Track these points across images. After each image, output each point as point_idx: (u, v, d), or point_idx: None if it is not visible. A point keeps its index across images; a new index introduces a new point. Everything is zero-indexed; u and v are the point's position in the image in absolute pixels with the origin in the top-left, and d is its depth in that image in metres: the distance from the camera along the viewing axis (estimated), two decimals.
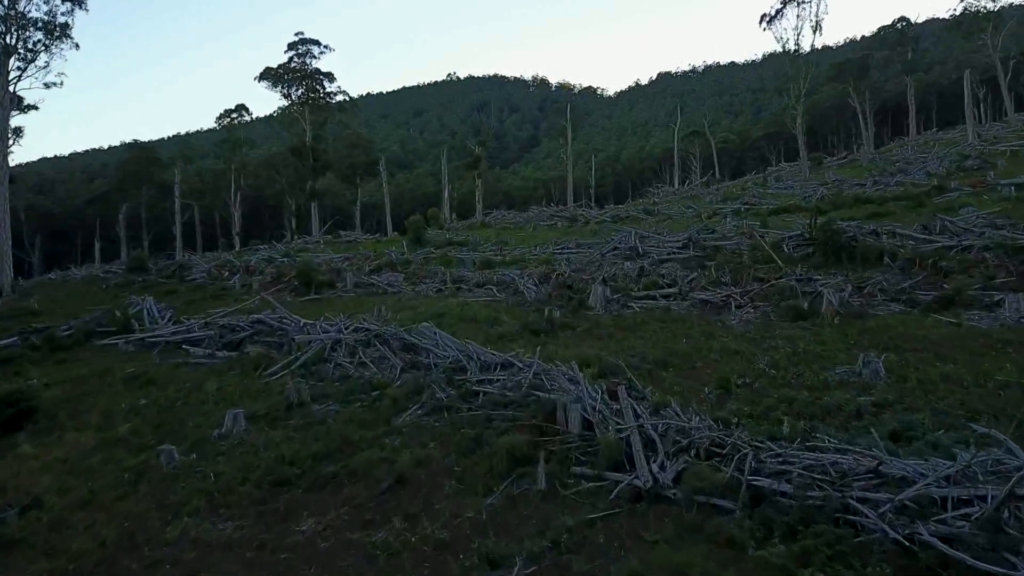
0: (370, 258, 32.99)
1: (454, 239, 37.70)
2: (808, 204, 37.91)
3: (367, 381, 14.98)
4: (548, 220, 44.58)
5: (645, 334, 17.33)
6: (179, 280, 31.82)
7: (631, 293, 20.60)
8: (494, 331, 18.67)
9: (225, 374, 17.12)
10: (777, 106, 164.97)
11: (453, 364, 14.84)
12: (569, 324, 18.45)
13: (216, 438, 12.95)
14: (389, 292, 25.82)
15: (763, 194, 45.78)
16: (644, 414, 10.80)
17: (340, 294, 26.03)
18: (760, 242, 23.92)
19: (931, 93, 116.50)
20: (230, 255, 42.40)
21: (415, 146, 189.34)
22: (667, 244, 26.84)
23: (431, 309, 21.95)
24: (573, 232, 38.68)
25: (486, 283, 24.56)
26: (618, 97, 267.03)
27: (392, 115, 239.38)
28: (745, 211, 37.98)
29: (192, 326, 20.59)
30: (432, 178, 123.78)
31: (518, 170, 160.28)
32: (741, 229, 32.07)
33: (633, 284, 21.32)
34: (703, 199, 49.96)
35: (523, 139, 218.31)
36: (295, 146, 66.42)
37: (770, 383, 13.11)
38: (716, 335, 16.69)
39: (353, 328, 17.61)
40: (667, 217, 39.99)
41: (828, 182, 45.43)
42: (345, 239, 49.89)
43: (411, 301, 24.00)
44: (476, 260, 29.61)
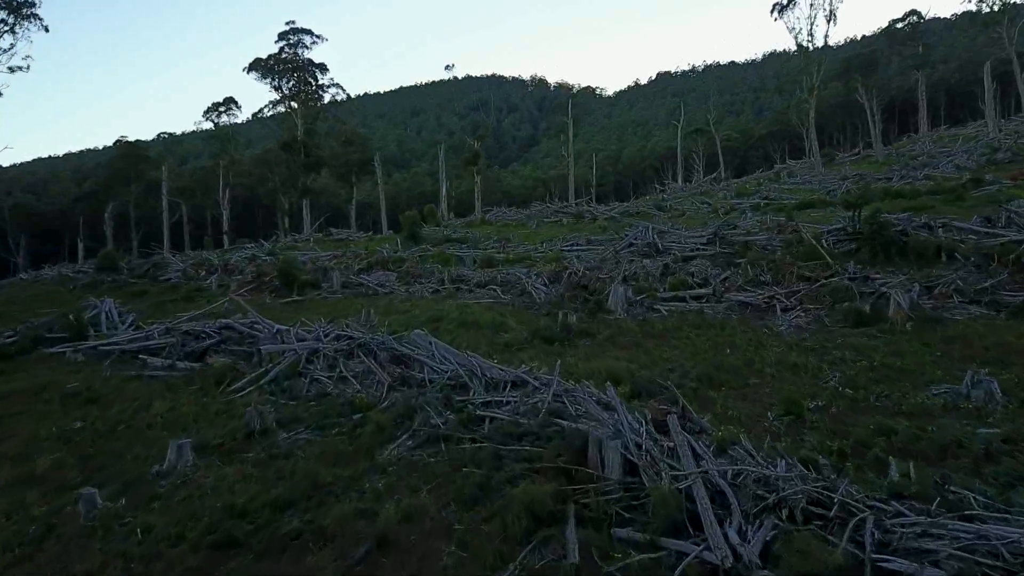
0: (360, 256, 30.33)
1: (452, 236, 35.04)
2: (833, 198, 35.32)
3: (348, 401, 12.35)
4: (552, 217, 41.93)
5: (680, 343, 14.69)
6: (152, 280, 29.13)
7: (656, 294, 17.95)
8: (500, 339, 16.02)
9: (182, 390, 14.42)
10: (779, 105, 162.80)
11: (452, 380, 12.21)
12: (588, 330, 15.79)
13: (155, 476, 10.30)
14: (380, 293, 23.14)
15: (780, 189, 43.17)
16: (706, 454, 8.18)
17: (325, 295, 23.35)
18: (802, 236, 21.27)
19: (938, 90, 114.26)
20: (209, 253, 39.62)
21: (413, 145, 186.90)
22: (690, 240, 24.18)
23: (426, 313, 19.31)
24: (580, 229, 36.04)
25: (488, 283, 21.92)
26: (617, 97, 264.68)
27: (389, 115, 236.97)
28: (765, 206, 35.36)
29: (152, 332, 17.88)
30: (430, 177, 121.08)
31: (517, 169, 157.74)
32: (766, 224, 29.46)
33: (657, 284, 18.67)
34: (715, 195, 47.35)
35: (522, 139, 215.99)
36: (286, 141, 63.60)
37: (850, 406, 10.50)
38: (766, 344, 14.04)
39: (334, 336, 14.94)
40: (681, 213, 37.35)
41: (848, 176, 42.85)
42: (336, 237, 47.17)
43: (404, 303, 21.34)
44: (476, 258, 26.98)
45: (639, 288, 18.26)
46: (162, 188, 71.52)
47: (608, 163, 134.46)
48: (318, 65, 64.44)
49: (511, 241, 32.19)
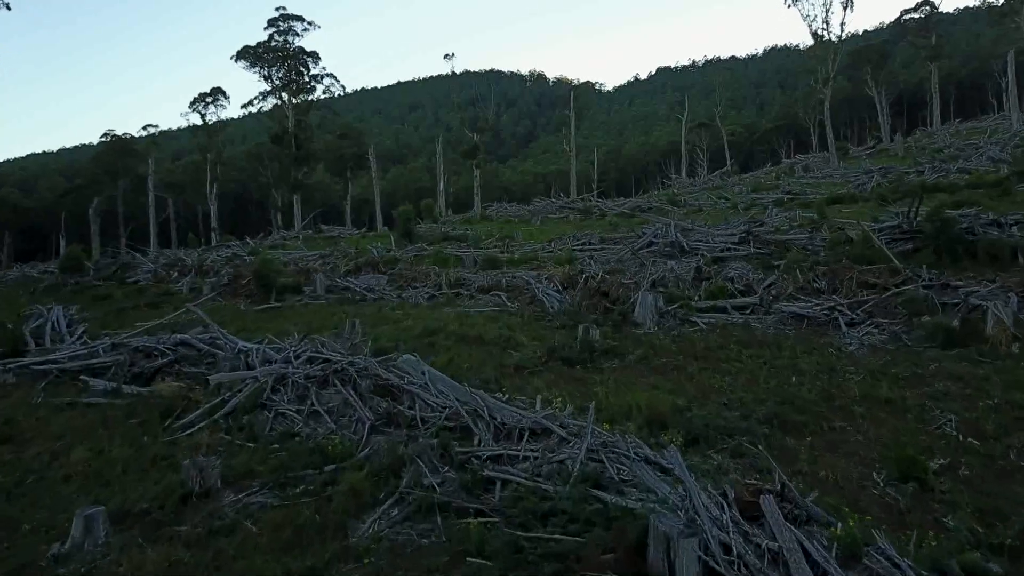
0: (349, 256, 27.66)
1: (451, 234, 32.35)
2: (863, 193, 32.66)
3: (318, 446, 9.67)
4: (557, 213, 39.25)
5: (730, 366, 12.01)
6: (119, 282, 26.44)
7: (690, 303, 15.26)
8: (508, 359, 13.33)
9: (120, 426, 11.69)
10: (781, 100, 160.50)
11: (451, 421, 9.53)
12: (614, 349, 13.11)
13: (52, 562, 7.66)
14: (369, 299, 20.42)
15: (800, 184, 40.50)
16: (829, 562, 5.53)
17: (307, 301, 20.65)
18: (849, 234, 18.61)
19: (947, 84, 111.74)
20: (187, 252, 36.73)
21: (409, 140, 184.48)
22: (718, 238, 21.49)
23: (421, 323, 16.61)
24: (588, 226, 33.37)
25: (492, 287, 19.21)
26: (616, 92, 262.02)
27: (387, 110, 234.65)
28: (789, 201, 32.69)
29: (97, 349, 15.16)
30: (427, 172, 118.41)
31: (516, 164, 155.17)
32: (795, 220, 26.80)
33: (690, 290, 15.97)
34: (730, 190, 44.65)
35: (520, 134, 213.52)
36: (276, 133, 60.73)
37: (984, 466, 7.83)
38: (839, 370, 11.36)
39: (307, 357, 12.23)
40: (697, 208, 34.68)
41: (872, 171, 40.14)
42: (327, 234, 44.40)
43: (395, 312, 18.64)
44: (478, 258, 24.30)
45: (670, 296, 15.57)
46: (148, 183, 68.67)
47: (609, 158, 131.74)
48: (310, 54, 61.52)
49: (515, 240, 29.55)
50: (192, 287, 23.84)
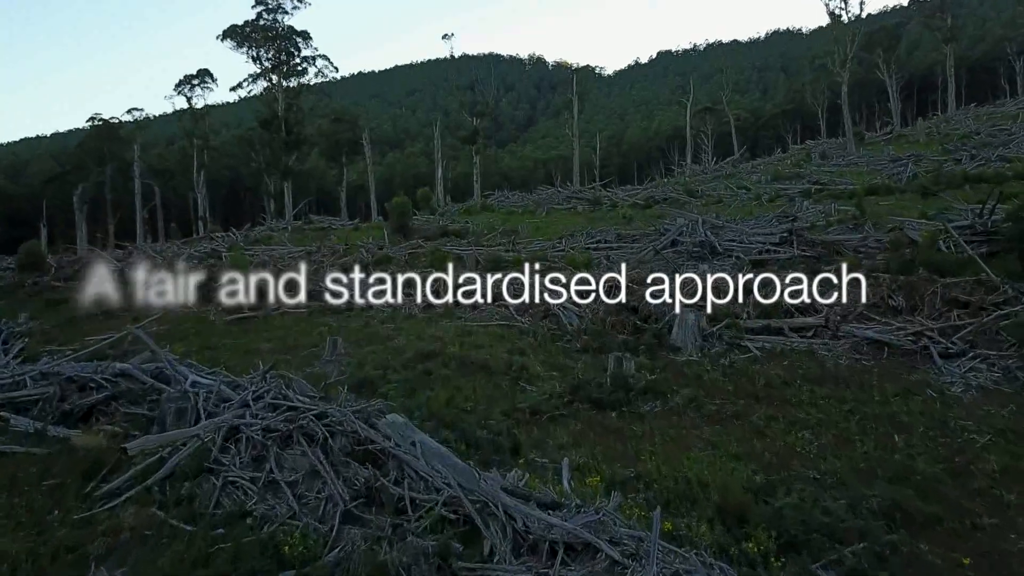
0: (338, 253, 25.04)
1: (449, 227, 29.66)
2: (898, 183, 30.04)
3: (272, 540, 7.12)
4: (564, 203, 36.49)
5: (805, 414, 9.47)
6: (79, 283, 23.86)
7: (739, 322, 12.68)
8: (522, 397, 10.76)
9: (30, 491, 9.14)
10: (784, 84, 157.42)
11: (453, 510, 6.99)
12: (654, 386, 10.52)
13: None
14: (355, 305, 17.79)
15: (823, 172, 37.77)
16: None
17: (286, 309, 18.02)
18: (910, 236, 15.99)
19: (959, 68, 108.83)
20: (163, 247, 33.87)
21: (407, 125, 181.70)
22: (755, 238, 18.88)
23: (415, 342, 14.03)
24: (599, 218, 30.72)
25: (499, 295, 16.59)
26: (617, 76, 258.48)
27: (383, 94, 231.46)
28: (818, 192, 30.02)
29: (25, 377, 12.55)
30: (425, 157, 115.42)
31: (515, 150, 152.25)
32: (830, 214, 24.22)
33: (736, 305, 13.38)
34: (747, 178, 41.91)
35: (519, 119, 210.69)
36: (265, 118, 57.72)
37: None
38: (954, 425, 8.79)
39: (269, 401, 9.65)
40: (716, 199, 32.00)
41: (901, 158, 37.44)
42: (317, 225, 41.62)
43: (385, 325, 16.03)
44: (480, 258, 21.68)
45: (715, 312, 12.97)
46: (134, 170, 65.80)
47: (611, 144, 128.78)
48: (300, 33, 58.36)
49: (520, 234, 26.91)
50: (158, 292, 21.17)
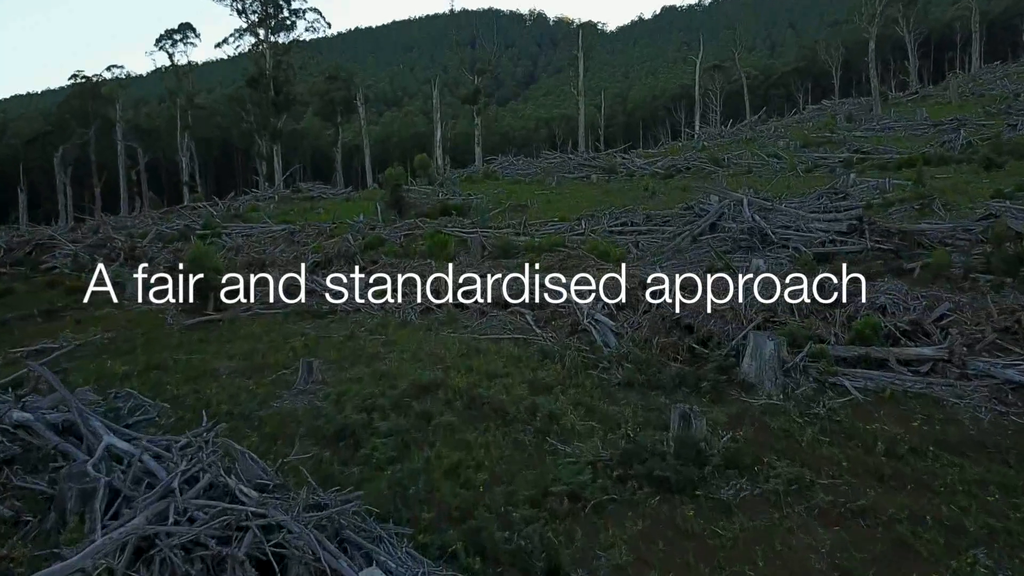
0: (324, 233, 22.06)
1: (450, 201, 26.54)
2: (951, 152, 26.95)
3: None
4: (576, 171, 33.35)
5: (963, 511, 6.63)
6: (30, 269, 20.91)
7: (826, 349, 9.80)
8: (554, 469, 7.90)
9: None
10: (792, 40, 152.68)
11: None
12: (739, 458, 7.68)
13: None
14: (339, 309, 14.87)
15: (858, 138, 34.58)
16: None
17: (257, 310, 15.12)
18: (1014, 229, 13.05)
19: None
20: (133, 220, 30.59)
21: (405, 83, 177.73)
22: (813, 224, 15.88)
23: (409, 366, 11.18)
24: (616, 191, 27.69)
25: (513, 302, 13.68)
26: (620, 33, 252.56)
27: (381, 51, 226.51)
28: (860, 162, 26.97)
29: None
30: (423, 116, 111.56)
31: (517, 108, 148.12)
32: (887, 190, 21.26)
33: (820, 325, 10.48)
34: (769, 142, 38.71)
35: (520, 76, 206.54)
36: (252, 76, 54.18)
37: None
38: None
39: (203, 488, 6.84)
40: (744, 169, 28.93)
41: (944, 122, 34.29)
42: (307, 193, 38.38)
43: (374, 337, 13.13)
44: (486, 243, 18.77)
45: (789, 334, 10.08)
46: (116, 132, 62.33)
47: (616, 103, 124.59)
48: None
49: (530, 211, 23.91)
50: (115, 280, 18.26)
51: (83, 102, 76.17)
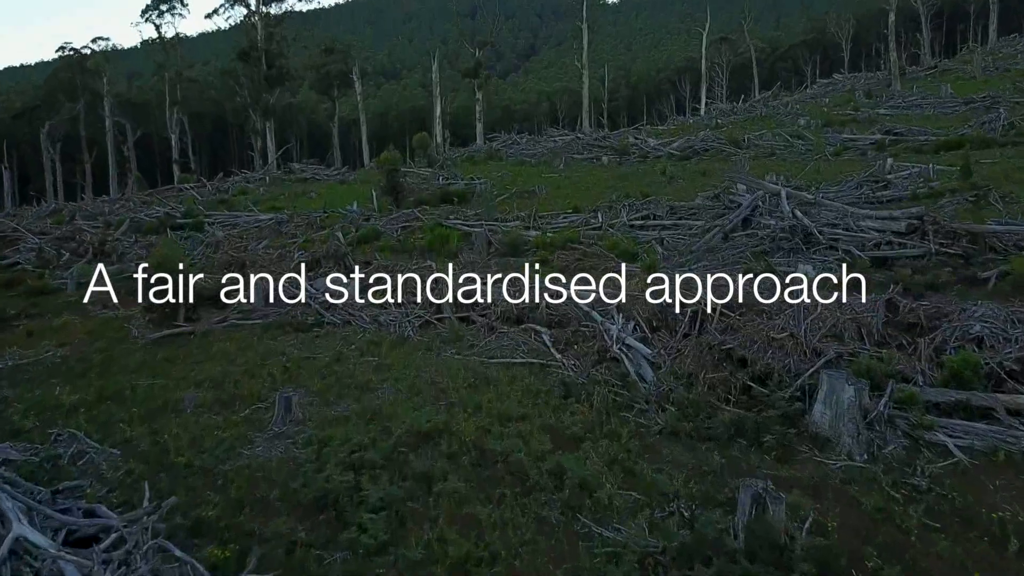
0: (314, 225, 20.19)
1: (451, 187, 24.59)
2: (990, 134, 24.99)
3: None
4: (585, 152, 31.29)
5: None
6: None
7: (916, 394, 8.02)
8: (585, 562, 6.17)
9: None
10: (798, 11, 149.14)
11: None
12: (829, 561, 5.90)
13: None
14: (327, 320, 13.06)
15: (883, 117, 32.54)
16: None
17: (234, 321, 13.31)
18: None
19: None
20: (89, 211, 28.10)
21: (403, 55, 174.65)
22: (866, 223, 14.01)
23: (405, 407, 9.40)
24: (630, 174, 25.75)
25: (523, 311, 11.88)
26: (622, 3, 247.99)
27: (379, 22, 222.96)
28: (893, 144, 25.01)
29: None
30: (422, 89, 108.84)
31: (518, 81, 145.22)
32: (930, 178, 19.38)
33: (899, 357, 8.69)
34: (785, 120, 36.65)
35: (521, 48, 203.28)
36: (243, 50, 51.85)
37: None
38: None
39: None
40: (767, 152, 26.97)
41: (974, 99, 32.23)
42: (299, 174, 36.32)
43: (364, 359, 11.34)
44: (492, 239, 16.93)
45: (866, 373, 8.29)
46: (104, 107, 60.04)
47: (619, 76, 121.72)
48: None
49: (538, 196, 22.01)
50: (80, 280, 16.44)
51: (71, 75, 73.84)
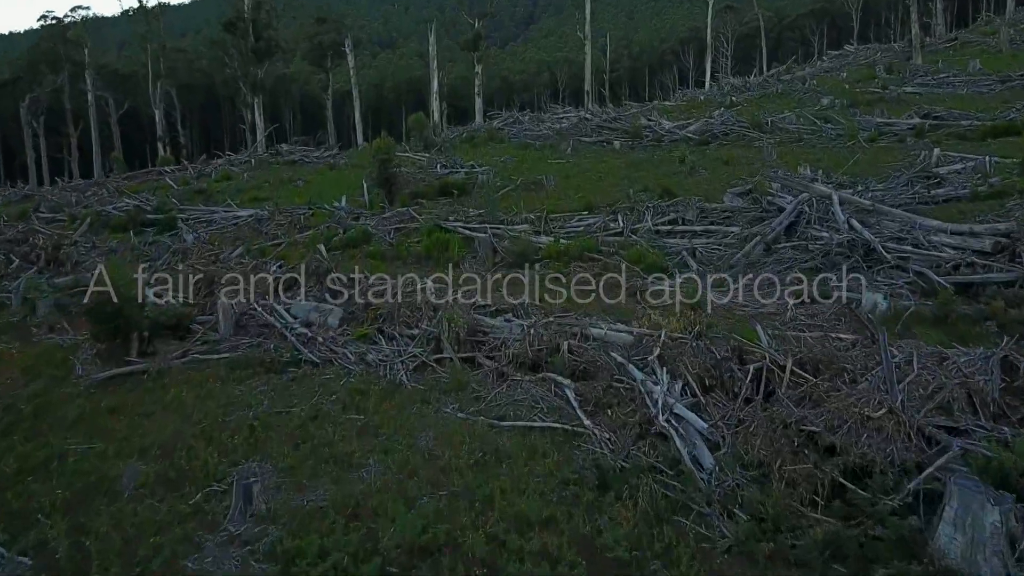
0: (297, 223, 18.13)
1: (451, 177, 22.49)
2: None
3: None
4: (593, 135, 29.02)
5: None
6: None
7: None
8: None
9: None
10: None
11: None
12: None
13: None
14: (305, 356, 10.99)
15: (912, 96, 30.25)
16: None
17: (196, 355, 11.27)
18: None
19: None
20: (55, 200, 25.66)
21: (399, 23, 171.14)
22: (939, 237, 11.94)
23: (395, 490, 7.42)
24: (645, 161, 23.59)
25: (541, 354, 9.85)
26: None
27: None
28: (933, 128, 22.84)
29: None
30: (419, 59, 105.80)
31: (517, 51, 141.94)
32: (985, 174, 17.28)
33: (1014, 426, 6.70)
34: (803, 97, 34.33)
35: (519, 16, 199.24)
36: (230, 20, 49.19)
37: None
38: None
39: None
40: (794, 137, 24.78)
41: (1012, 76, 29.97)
42: (287, 157, 34.04)
43: (347, 416, 9.31)
44: (498, 246, 14.89)
45: (990, 470, 6.32)
46: (86, 81, 57.32)
47: (621, 46, 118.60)
48: None
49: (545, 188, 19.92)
50: (28, 293, 14.37)
51: (53, 45, 71.10)
